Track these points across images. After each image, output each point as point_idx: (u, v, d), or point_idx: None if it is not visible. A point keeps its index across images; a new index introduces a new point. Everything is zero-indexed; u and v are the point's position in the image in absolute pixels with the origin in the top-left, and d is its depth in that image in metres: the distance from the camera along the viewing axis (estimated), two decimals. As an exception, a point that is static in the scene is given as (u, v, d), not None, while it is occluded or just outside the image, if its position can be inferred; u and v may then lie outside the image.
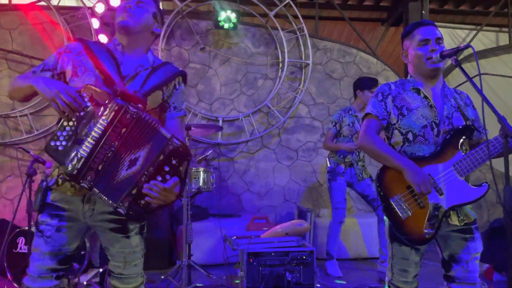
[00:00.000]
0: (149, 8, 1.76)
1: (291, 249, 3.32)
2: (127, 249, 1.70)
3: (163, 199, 1.48)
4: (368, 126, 1.96)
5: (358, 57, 5.48)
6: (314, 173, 5.28)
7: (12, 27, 4.82)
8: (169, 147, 1.47)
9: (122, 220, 1.66)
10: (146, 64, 1.72)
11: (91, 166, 1.49)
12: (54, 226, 1.63)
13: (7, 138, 4.68)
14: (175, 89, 1.76)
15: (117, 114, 1.49)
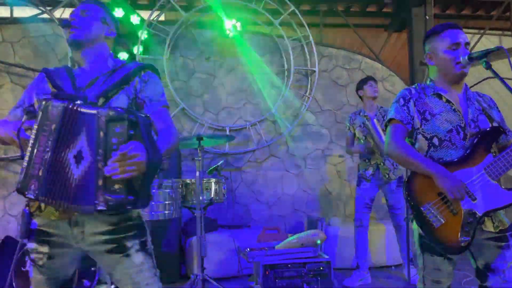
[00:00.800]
0: (96, 14, 1.69)
1: (307, 260, 3.24)
2: (131, 269, 1.54)
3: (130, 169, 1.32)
4: (394, 132, 1.89)
5: (363, 63, 5.46)
6: (323, 181, 5.21)
7: (14, 40, 4.76)
8: (102, 119, 1.34)
9: (117, 239, 1.53)
10: (105, 70, 1.65)
11: (32, 174, 1.39)
12: (45, 253, 1.52)
13: (10, 153, 4.59)
14: (144, 82, 1.65)
15: (44, 113, 1.40)
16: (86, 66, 1.66)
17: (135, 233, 1.57)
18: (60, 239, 1.53)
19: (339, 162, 5.24)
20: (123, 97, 1.59)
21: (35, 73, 4.70)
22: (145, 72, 1.66)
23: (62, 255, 1.54)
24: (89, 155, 1.37)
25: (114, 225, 1.53)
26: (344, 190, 5.24)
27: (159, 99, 1.66)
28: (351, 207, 5.22)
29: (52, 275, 1.55)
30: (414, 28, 5.56)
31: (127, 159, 1.31)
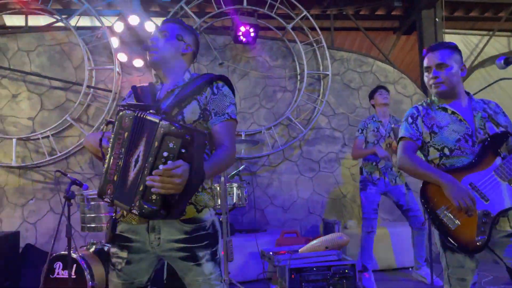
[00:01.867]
0: (172, 33, 1.75)
1: (332, 263, 3.27)
2: (201, 277, 1.62)
3: (168, 186, 1.34)
4: (404, 147, 2.08)
5: (375, 66, 5.49)
6: (337, 184, 5.23)
7: (30, 49, 4.78)
8: (160, 130, 1.37)
9: (190, 248, 1.60)
10: (181, 83, 1.72)
11: (108, 179, 1.48)
12: (124, 258, 1.63)
13: (27, 161, 4.61)
14: (213, 94, 1.67)
15: (119, 122, 1.49)
16: (167, 81, 1.76)
17: (207, 243, 1.63)
18: (138, 244, 1.62)
19: (353, 165, 5.27)
20: (195, 106, 1.64)
21: (50, 81, 4.74)
22: (216, 83, 1.70)
23: (139, 260, 1.64)
24: (141, 161, 1.42)
25: (188, 234, 1.60)
26: (358, 192, 5.24)
27: (224, 112, 1.67)
28: (366, 210, 5.24)
29: (128, 280, 1.65)
30: (424, 31, 5.61)
31: (170, 176, 1.33)
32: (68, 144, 4.69)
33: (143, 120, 1.44)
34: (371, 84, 5.43)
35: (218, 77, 1.71)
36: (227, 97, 1.69)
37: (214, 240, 1.67)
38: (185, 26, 1.81)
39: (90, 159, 4.75)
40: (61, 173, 3.02)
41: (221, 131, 1.64)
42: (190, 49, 1.79)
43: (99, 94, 4.81)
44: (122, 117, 1.48)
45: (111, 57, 4.82)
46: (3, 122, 4.64)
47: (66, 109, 4.72)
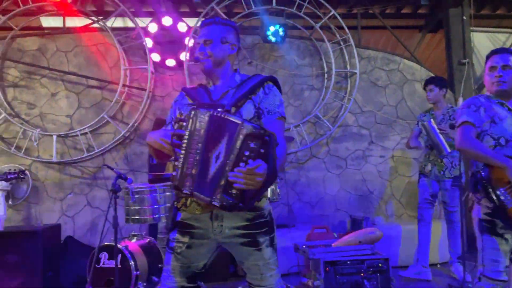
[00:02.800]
0: (216, 37, 1.84)
1: (366, 257, 3.34)
2: (261, 262, 1.75)
3: (250, 183, 1.46)
4: (465, 131, 2.28)
5: (402, 65, 5.54)
6: (364, 181, 5.30)
7: (68, 49, 4.98)
8: (242, 131, 1.47)
9: (251, 234, 1.73)
10: (233, 84, 1.83)
11: (186, 172, 1.58)
12: (185, 243, 1.74)
13: (66, 157, 4.81)
14: (265, 94, 1.79)
15: (194, 119, 1.59)
16: (218, 83, 1.87)
17: (266, 229, 1.76)
18: (201, 231, 1.74)
19: (380, 162, 5.33)
20: (250, 105, 1.77)
21: (87, 80, 4.92)
22: (267, 84, 1.82)
23: (200, 245, 1.75)
24: (223, 157, 1.53)
25: (249, 221, 1.73)
26: (385, 190, 5.33)
27: (276, 110, 1.79)
28: (393, 207, 5.31)
29: (186, 263, 1.76)
30: (451, 29, 5.62)
31: (252, 174, 1.45)
32: (104, 141, 4.87)
33: (222, 120, 1.55)
34: (398, 82, 5.48)
35: (268, 78, 1.83)
36: (277, 97, 1.82)
37: (272, 228, 1.80)
38: (224, 24, 1.86)
39: (124, 155, 4.93)
40: (108, 167, 3.17)
41: (273, 128, 1.72)
42: (235, 48, 1.89)
43: (133, 92, 4.98)
44: (198, 115, 1.59)
45: (144, 57, 4.97)
46: (43, 119, 4.85)
47: (102, 107, 4.91)
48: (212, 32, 1.84)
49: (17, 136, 4.68)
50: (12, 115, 4.74)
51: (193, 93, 1.83)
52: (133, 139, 4.96)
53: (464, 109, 2.32)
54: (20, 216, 4.68)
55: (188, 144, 1.58)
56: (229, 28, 1.87)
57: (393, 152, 5.37)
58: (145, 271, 3.30)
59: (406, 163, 5.37)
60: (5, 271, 3.73)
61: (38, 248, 3.79)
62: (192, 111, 1.61)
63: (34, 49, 4.93)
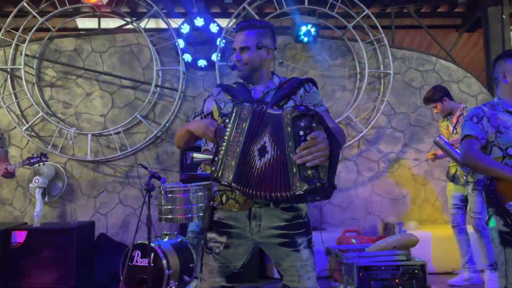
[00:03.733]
0: (252, 43, 1.81)
1: (401, 262, 3.26)
2: (299, 263, 1.71)
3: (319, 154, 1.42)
4: (469, 145, 2.21)
5: (438, 65, 5.37)
6: (397, 185, 5.17)
7: (103, 50, 5.08)
8: (287, 117, 1.48)
9: (289, 235, 1.70)
10: (272, 86, 1.84)
11: (226, 164, 1.57)
12: (223, 243, 1.72)
13: (99, 155, 4.90)
14: (306, 92, 1.82)
15: (237, 112, 1.61)
16: (257, 85, 1.87)
17: (304, 230, 1.73)
18: (238, 230, 1.72)
19: (414, 165, 5.19)
20: (292, 104, 1.75)
21: (121, 80, 5.00)
22: (307, 84, 1.85)
23: (237, 245, 1.73)
24: (273, 149, 1.52)
25: (287, 221, 1.70)
26: (419, 194, 5.18)
27: (321, 104, 1.84)
28: (427, 211, 5.16)
29: (224, 263, 1.74)
30: (490, 28, 5.42)
31: (315, 145, 1.42)
32: (136, 140, 4.94)
33: (263, 113, 1.57)
34: (434, 83, 5.30)
35: (308, 79, 1.86)
36: (318, 95, 1.87)
37: (309, 229, 1.77)
38: (260, 27, 1.83)
39: (156, 154, 4.98)
40: (142, 167, 3.20)
41: (327, 116, 1.74)
42: (271, 53, 1.87)
43: (165, 92, 5.03)
44: (241, 108, 1.61)
45: (176, 58, 5.02)
46: (78, 118, 4.96)
47: (134, 107, 4.98)
48: (248, 39, 1.81)
49: (54, 135, 4.81)
50: (49, 114, 4.87)
51: (233, 90, 1.84)
52: (164, 138, 5.00)
53: (466, 121, 2.25)
54: (55, 212, 4.80)
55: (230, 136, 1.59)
56: (264, 31, 1.84)
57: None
58: (177, 270, 3.31)
59: (441, 167, 5.18)
60: (41, 266, 3.82)
61: (73, 244, 3.87)
62: (236, 106, 1.62)
63: (70, 49, 5.05)
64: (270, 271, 4.43)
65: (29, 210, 4.74)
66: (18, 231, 3.86)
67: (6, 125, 4.85)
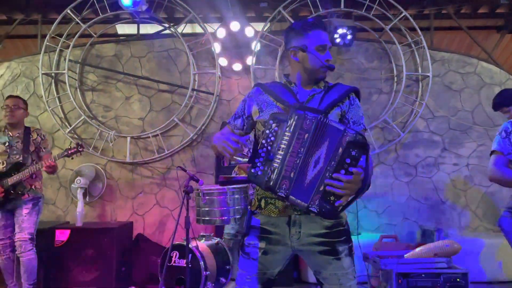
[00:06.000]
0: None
1: (442, 270, 3.16)
2: (340, 271, 1.68)
3: (348, 191, 1.48)
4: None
5: (479, 67, 5.20)
6: (436, 190, 5.03)
7: (141, 55, 5.22)
8: (345, 139, 1.48)
9: (330, 242, 1.68)
10: (317, 89, 1.79)
11: (284, 175, 1.56)
12: (261, 249, 1.70)
13: (138, 157, 5.03)
14: (351, 105, 1.76)
15: (298, 122, 1.57)
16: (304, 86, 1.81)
17: (345, 238, 1.71)
18: (277, 236, 1.70)
19: (454, 170, 5.03)
20: (338, 112, 1.74)
21: (159, 84, 5.12)
22: (352, 95, 1.79)
23: (276, 252, 1.71)
24: (323, 163, 1.53)
25: (328, 229, 1.69)
26: (458, 200, 5.01)
27: (360, 122, 1.77)
28: (468, 218, 4.98)
29: (262, 269, 1.71)
30: (536, 28, 5.20)
31: (351, 183, 1.47)
32: (173, 143, 5.04)
33: (325, 125, 1.55)
34: (475, 86, 5.16)
35: (353, 89, 1.80)
36: (360, 108, 1.81)
37: (350, 237, 1.74)
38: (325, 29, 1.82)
39: (191, 157, 5.06)
40: (181, 169, 3.27)
41: None
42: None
43: (200, 96, 5.11)
44: (304, 119, 1.57)
45: (212, 62, 5.09)
46: (118, 122, 5.11)
47: (171, 110, 5.08)
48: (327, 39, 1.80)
49: (94, 137, 4.97)
50: (90, 117, 5.04)
51: (276, 91, 1.78)
52: (200, 141, 5.08)
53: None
54: (95, 212, 4.96)
55: (288, 146, 1.56)
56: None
57: (468, 160, 5.05)
58: (213, 271, 3.35)
59: (483, 172, 5.01)
60: (82, 264, 3.96)
61: (113, 244, 3.99)
62: (295, 114, 1.58)
63: (110, 55, 5.22)
64: (305, 276, 4.40)
65: (71, 210, 4.91)
66: (61, 230, 4.01)
67: (50, 128, 5.05)
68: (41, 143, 3.67)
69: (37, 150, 3.65)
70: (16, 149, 3.55)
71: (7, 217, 3.51)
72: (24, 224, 3.41)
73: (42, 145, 3.68)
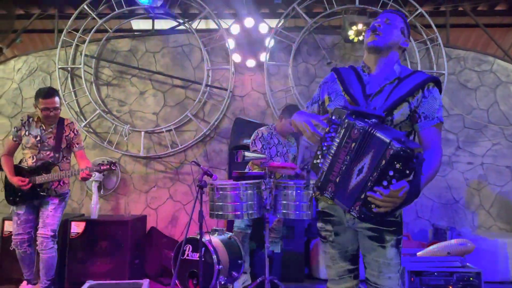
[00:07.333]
0: (398, 24, 1.80)
1: (455, 269, 3.15)
2: (381, 259, 1.73)
3: (388, 205, 1.49)
4: None
5: (495, 65, 5.14)
6: (449, 189, 4.99)
7: (156, 50, 5.26)
8: (389, 152, 1.46)
9: (379, 230, 1.72)
10: (391, 76, 1.75)
11: (330, 179, 1.65)
12: (331, 231, 1.84)
13: (151, 152, 5.08)
14: (424, 97, 1.71)
15: (347, 130, 1.61)
16: (376, 72, 1.80)
17: (395, 229, 1.74)
18: (337, 219, 1.83)
19: (468, 169, 4.99)
20: (406, 109, 1.71)
21: (173, 80, 5.16)
22: (428, 87, 1.73)
23: (344, 231, 1.83)
24: (366, 172, 1.55)
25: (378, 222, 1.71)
26: (472, 199, 4.97)
27: (434, 116, 1.72)
28: (481, 218, 4.94)
29: (342, 249, 1.83)
30: (554, 26, 5.11)
31: (391, 196, 1.48)
32: (186, 138, 5.08)
33: (372, 135, 1.55)
34: (491, 84, 5.10)
35: (432, 79, 1.73)
36: (437, 100, 1.74)
37: (400, 229, 1.76)
38: (406, 22, 1.83)
39: (204, 152, 5.10)
40: (196, 164, 3.29)
41: (430, 134, 1.72)
42: (407, 44, 1.82)
43: (214, 92, 5.14)
44: (352, 127, 1.59)
45: (225, 58, 5.11)
46: (132, 116, 5.17)
47: (185, 106, 5.12)
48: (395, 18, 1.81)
49: (109, 131, 5.04)
50: (105, 111, 5.11)
51: (346, 81, 1.80)
52: (213, 137, 5.11)
53: None
54: (109, 206, 5.03)
55: (337, 153, 1.63)
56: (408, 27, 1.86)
57: (482, 159, 5.00)
58: (226, 265, 3.38)
59: (497, 171, 4.97)
60: (97, 256, 4.02)
61: (127, 236, 4.04)
62: (346, 121, 1.61)
63: (125, 50, 5.27)
64: (316, 272, 4.42)
65: (86, 203, 4.99)
66: (77, 222, 4.08)
67: (66, 122, 5.13)
68: (73, 139, 3.53)
69: (68, 146, 3.52)
70: (47, 145, 3.43)
71: (30, 212, 3.45)
72: (48, 219, 3.38)
73: (75, 140, 3.53)
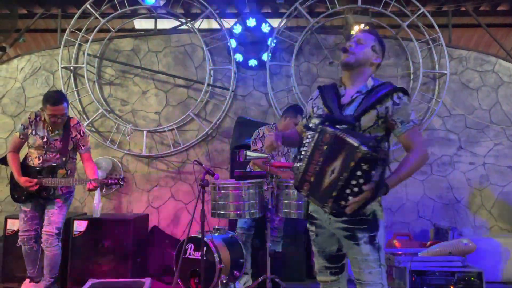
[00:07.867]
0: (369, 43, 1.98)
1: (457, 269, 3.16)
2: (359, 256, 1.87)
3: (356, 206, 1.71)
4: None
5: (498, 65, 5.14)
6: (451, 189, 5.00)
7: (158, 49, 5.27)
8: (358, 154, 1.62)
9: (351, 229, 1.87)
10: (364, 89, 1.94)
11: (306, 178, 1.83)
12: (313, 232, 2.04)
13: (153, 151, 5.10)
14: (395, 104, 1.86)
15: (320, 135, 1.79)
16: (350, 86, 2.00)
17: (366, 227, 1.86)
18: (320, 221, 2.00)
19: (469, 169, 4.99)
20: (373, 115, 1.87)
21: (175, 79, 5.18)
22: (398, 95, 1.88)
23: (323, 233, 2.01)
24: (337, 172, 1.72)
25: (350, 216, 1.84)
26: (474, 199, 4.98)
27: (409, 119, 1.88)
28: (482, 217, 4.95)
29: (320, 248, 2.04)
30: (557, 26, 5.11)
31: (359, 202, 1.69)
32: (188, 137, 5.10)
33: (342, 140, 1.71)
34: (493, 84, 5.10)
35: (399, 88, 1.90)
36: (409, 105, 1.91)
37: (373, 226, 1.87)
38: (378, 39, 2.02)
39: (206, 151, 5.12)
40: (198, 163, 3.31)
41: (409, 137, 1.88)
42: (379, 60, 2.00)
43: (216, 91, 5.15)
44: (325, 132, 1.77)
45: (228, 57, 5.13)
46: (135, 115, 5.19)
47: (187, 105, 5.13)
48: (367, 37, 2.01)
49: (112, 131, 5.06)
50: (108, 110, 5.12)
51: (326, 96, 2.00)
52: (215, 136, 5.13)
53: None
54: (112, 204, 5.05)
55: (312, 155, 1.80)
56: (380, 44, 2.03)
57: (484, 159, 5.01)
58: (228, 265, 3.39)
59: (499, 172, 4.97)
60: (99, 254, 4.04)
61: (129, 235, 4.06)
62: (320, 126, 1.81)
63: (128, 49, 5.28)
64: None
65: (88, 201, 5.01)
66: (79, 221, 4.10)
67: (69, 121, 5.14)
68: (79, 141, 3.51)
69: (75, 147, 3.53)
70: (53, 147, 3.43)
71: (36, 209, 3.46)
72: (53, 217, 3.40)
73: (81, 142, 3.52)
